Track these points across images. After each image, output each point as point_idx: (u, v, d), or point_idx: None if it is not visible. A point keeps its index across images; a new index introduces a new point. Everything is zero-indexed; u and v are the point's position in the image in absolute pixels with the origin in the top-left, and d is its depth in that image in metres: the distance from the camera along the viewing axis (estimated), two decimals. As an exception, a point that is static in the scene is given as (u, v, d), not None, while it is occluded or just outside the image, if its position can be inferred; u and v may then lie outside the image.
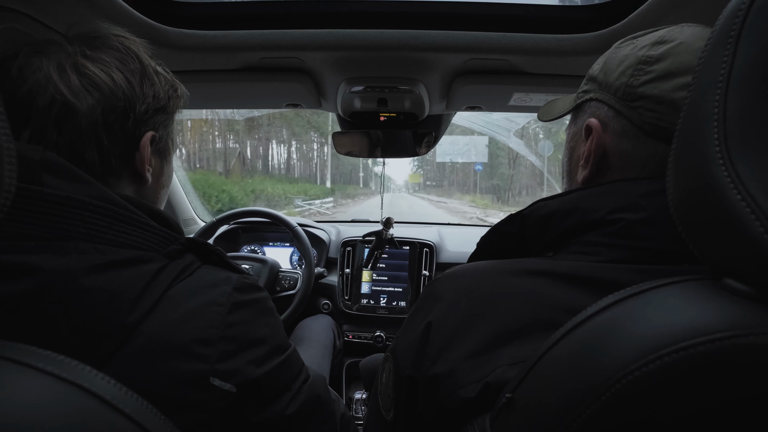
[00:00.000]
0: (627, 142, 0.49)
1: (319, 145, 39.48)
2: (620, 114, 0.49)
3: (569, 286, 0.42)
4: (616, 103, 0.49)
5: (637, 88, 0.47)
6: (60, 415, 0.28)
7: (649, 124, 0.47)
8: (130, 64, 0.52)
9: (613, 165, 0.50)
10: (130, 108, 0.51)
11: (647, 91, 0.46)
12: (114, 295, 0.43)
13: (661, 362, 0.27)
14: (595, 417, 0.29)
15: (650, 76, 0.46)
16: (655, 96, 0.46)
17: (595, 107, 0.52)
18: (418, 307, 0.52)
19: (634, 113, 0.47)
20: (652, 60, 0.47)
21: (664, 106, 0.45)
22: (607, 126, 0.50)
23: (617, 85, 0.49)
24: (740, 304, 0.28)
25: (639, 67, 0.47)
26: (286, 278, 1.47)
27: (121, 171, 0.53)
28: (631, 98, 0.48)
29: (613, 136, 0.50)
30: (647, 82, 0.46)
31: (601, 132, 0.51)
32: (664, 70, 0.46)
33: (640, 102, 0.47)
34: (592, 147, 0.51)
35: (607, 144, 0.50)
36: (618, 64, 0.50)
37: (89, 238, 0.44)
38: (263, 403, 0.52)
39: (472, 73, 0.94)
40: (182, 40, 0.81)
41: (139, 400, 0.33)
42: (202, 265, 0.53)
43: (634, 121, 0.48)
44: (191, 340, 0.45)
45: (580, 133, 0.54)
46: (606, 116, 0.50)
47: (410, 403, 0.47)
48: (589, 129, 0.51)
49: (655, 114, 0.46)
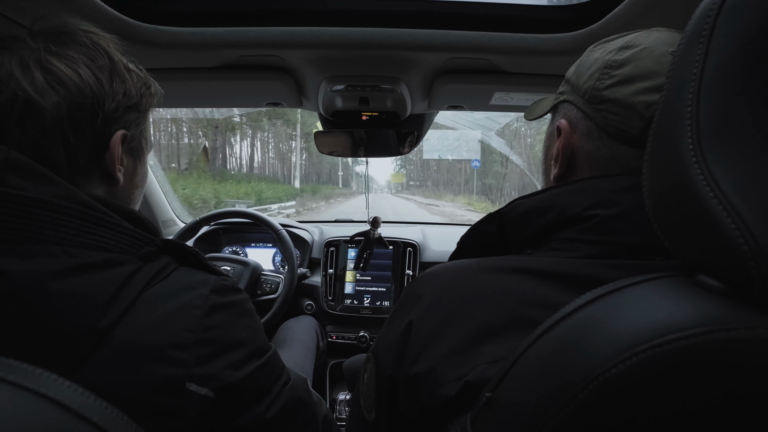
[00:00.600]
0: (592, 143, 0.51)
1: (286, 138, 35.48)
2: (587, 116, 0.51)
3: (547, 283, 0.42)
4: (584, 105, 0.51)
5: (601, 92, 0.49)
6: (23, 427, 0.27)
7: (611, 126, 0.49)
8: (99, 60, 0.51)
9: (580, 164, 0.53)
10: (98, 106, 0.50)
11: (610, 95, 0.48)
12: (84, 300, 0.41)
13: (637, 359, 0.27)
14: (573, 415, 0.29)
15: (614, 80, 0.48)
16: (616, 99, 0.48)
17: (567, 108, 0.55)
18: (399, 307, 0.52)
19: (599, 115, 0.50)
20: (616, 65, 0.49)
21: (624, 109, 0.47)
22: (575, 127, 0.53)
23: (585, 87, 0.51)
24: (713, 301, 0.28)
25: (605, 71, 0.49)
26: (268, 282, 1.45)
27: (91, 171, 0.51)
28: (596, 101, 0.50)
29: (580, 136, 0.52)
30: (611, 86, 0.48)
31: (570, 132, 0.53)
32: (626, 74, 0.48)
33: (604, 105, 0.49)
34: (560, 147, 0.54)
35: (574, 144, 0.53)
36: (588, 67, 0.52)
37: (58, 240, 0.43)
38: (242, 406, 0.51)
39: (453, 73, 0.94)
40: (157, 37, 0.79)
41: (108, 408, 0.32)
42: (178, 267, 0.52)
43: (599, 123, 0.50)
44: (166, 345, 0.44)
45: (554, 133, 0.56)
46: (575, 117, 0.53)
47: (391, 404, 0.46)
48: (560, 129, 0.54)
49: (616, 117, 0.48)
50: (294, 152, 35.82)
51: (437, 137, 17.73)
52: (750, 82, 0.28)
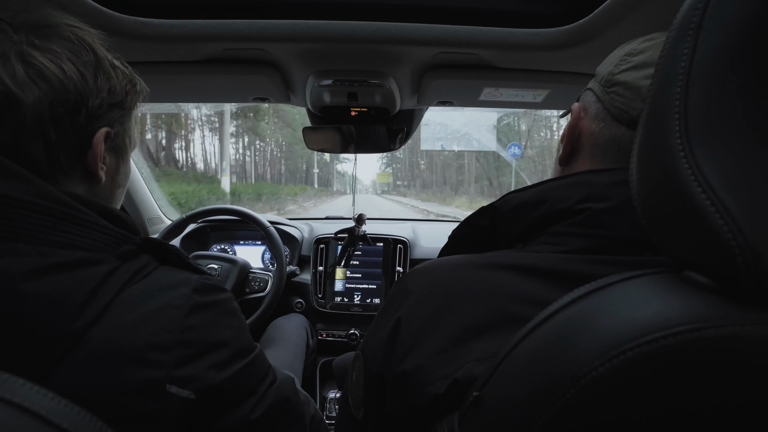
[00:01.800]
0: (596, 123, 0.52)
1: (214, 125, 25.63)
2: (599, 100, 0.52)
3: (535, 279, 0.42)
4: (599, 89, 0.53)
5: (615, 75, 0.50)
6: None
7: (616, 107, 0.50)
8: (84, 55, 0.49)
9: (583, 147, 0.54)
10: (82, 102, 0.48)
11: (621, 78, 0.50)
12: (57, 301, 0.40)
13: (624, 357, 0.27)
14: (560, 414, 0.29)
15: (629, 65, 0.50)
16: (626, 82, 0.49)
17: (586, 95, 0.56)
18: (387, 304, 0.51)
19: (608, 98, 0.51)
20: (635, 52, 0.50)
21: (630, 91, 0.48)
22: (587, 111, 0.54)
23: (604, 73, 0.53)
24: (701, 297, 0.28)
25: (624, 58, 0.51)
26: (257, 279, 1.43)
27: (72, 169, 0.50)
28: (609, 84, 0.51)
29: (589, 119, 0.54)
30: (625, 70, 0.50)
31: (579, 114, 0.54)
32: (641, 60, 0.49)
33: (614, 88, 0.50)
34: (568, 128, 0.55)
35: (582, 127, 0.54)
36: (612, 58, 0.54)
37: (29, 239, 0.41)
38: (226, 408, 0.50)
39: (442, 68, 0.93)
40: (138, 29, 0.77)
41: (81, 413, 0.31)
42: (159, 266, 0.50)
43: (606, 105, 0.51)
44: (145, 346, 0.43)
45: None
46: (589, 102, 0.54)
47: (380, 402, 0.46)
48: (571, 113, 0.55)
49: (622, 99, 0.49)
50: (222, 140, 23.62)
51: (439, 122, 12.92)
52: (738, 74, 0.27)
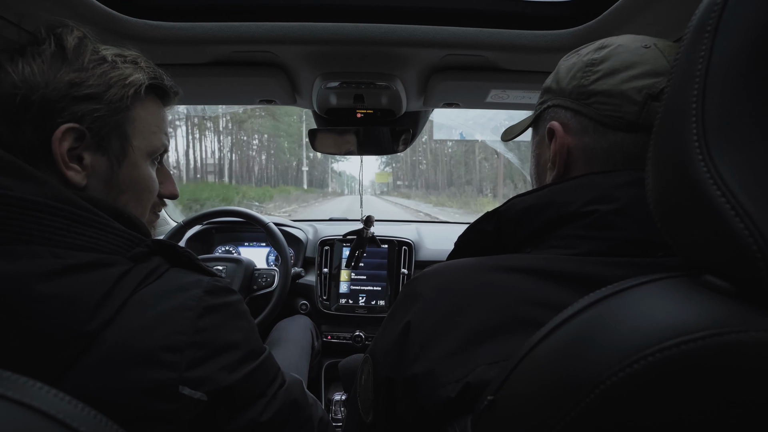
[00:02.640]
0: (588, 136, 0.51)
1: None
2: (578, 113, 0.52)
3: (546, 282, 0.42)
4: (572, 103, 0.52)
5: (588, 87, 0.50)
6: None
7: (605, 116, 0.50)
8: (43, 46, 0.47)
9: (578, 161, 0.53)
10: (31, 94, 0.45)
11: (597, 87, 0.50)
12: (71, 302, 0.40)
13: (645, 362, 0.26)
14: (579, 419, 0.28)
15: (598, 74, 0.50)
16: (605, 90, 0.49)
17: (553, 112, 0.55)
18: (396, 307, 0.51)
19: (591, 109, 0.50)
20: (597, 62, 0.51)
21: (615, 98, 0.49)
22: (567, 126, 0.53)
23: (570, 88, 0.52)
24: (721, 302, 0.28)
25: (587, 69, 0.51)
26: (263, 276, 1.43)
27: (43, 172, 0.45)
28: (584, 96, 0.51)
29: (574, 134, 0.53)
30: (596, 80, 0.50)
31: (563, 133, 0.53)
32: (609, 67, 0.49)
33: (594, 98, 0.50)
34: (556, 148, 0.54)
35: (569, 143, 0.53)
36: (567, 72, 0.53)
37: (44, 241, 0.41)
38: (236, 410, 0.50)
39: (450, 69, 0.94)
40: (146, 32, 0.77)
41: (97, 417, 0.31)
42: (170, 268, 0.50)
43: (592, 116, 0.50)
44: (158, 348, 0.43)
45: (543, 139, 0.56)
46: (565, 117, 0.53)
47: (389, 406, 0.46)
48: (552, 132, 0.54)
49: (609, 106, 0.49)
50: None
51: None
52: (755, 76, 0.27)
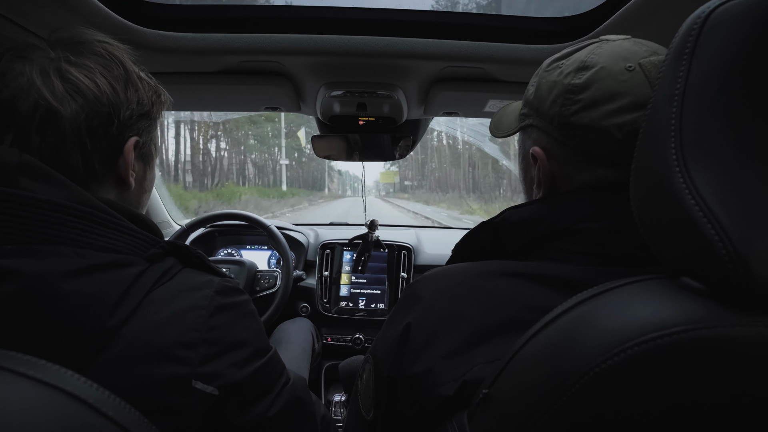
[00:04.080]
0: (570, 167, 0.52)
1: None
2: (560, 143, 0.52)
3: (541, 287, 0.44)
4: (554, 132, 0.52)
5: (569, 118, 0.49)
6: (44, 419, 0.28)
7: (586, 151, 0.50)
8: (114, 70, 0.52)
9: (563, 187, 0.53)
10: (114, 114, 0.51)
11: (578, 121, 0.49)
12: (94, 299, 0.42)
13: (625, 355, 0.29)
14: (565, 408, 0.31)
15: (579, 105, 0.49)
16: (585, 125, 0.48)
17: (537, 134, 0.55)
18: (398, 309, 0.53)
19: (573, 141, 0.50)
20: (577, 89, 0.49)
21: (595, 134, 0.48)
22: (550, 154, 0.53)
23: (551, 114, 0.51)
24: (695, 301, 0.30)
25: (567, 97, 0.50)
26: (265, 277, 1.46)
27: (104, 176, 0.53)
28: (566, 128, 0.50)
29: (557, 162, 0.53)
30: (577, 112, 0.49)
31: (546, 161, 0.53)
32: (590, 98, 0.48)
33: (575, 131, 0.49)
34: (540, 175, 0.54)
35: (554, 170, 0.53)
36: (549, 91, 0.52)
37: (68, 241, 0.44)
38: (245, 405, 0.52)
39: (449, 80, 0.97)
40: (159, 42, 0.80)
41: (122, 404, 0.33)
42: (183, 268, 0.53)
43: (574, 148, 0.51)
44: (173, 344, 0.45)
45: (528, 158, 0.57)
46: (548, 143, 0.53)
47: (390, 403, 0.48)
48: (535, 157, 0.54)
49: (590, 141, 0.49)
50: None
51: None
52: (729, 97, 0.30)
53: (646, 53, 0.48)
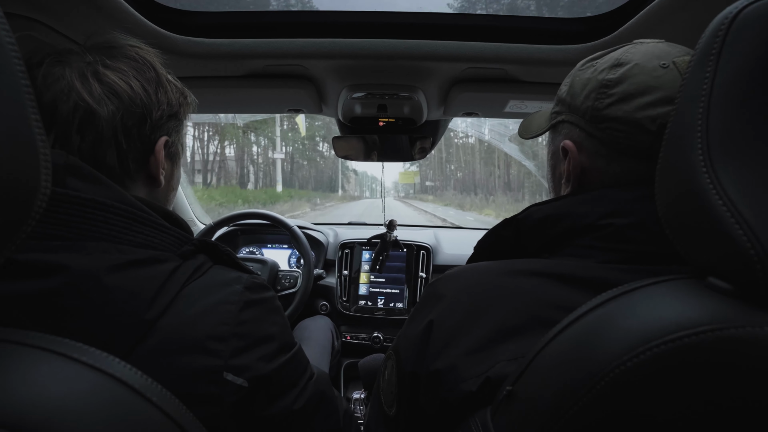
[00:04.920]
0: (601, 159, 0.52)
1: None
2: (591, 135, 0.52)
3: (564, 285, 0.44)
4: (586, 125, 0.52)
5: (602, 111, 0.50)
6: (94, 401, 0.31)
7: (618, 143, 0.50)
8: (146, 73, 0.55)
9: (593, 181, 0.54)
10: (147, 114, 0.54)
11: (612, 113, 0.49)
12: (133, 293, 0.45)
13: (650, 353, 0.29)
14: (589, 406, 0.31)
15: (612, 98, 0.49)
16: (619, 117, 0.49)
17: (568, 129, 0.55)
18: (420, 306, 0.54)
19: (604, 134, 0.51)
20: (611, 83, 0.50)
21: (628, 125, 0.49)
22: (581, 147, 0.54)
23: (584, 108, 0.52)
24: (722, 301, 0.30)
25: (601, 91, 0.50)
26: (286, 277, 1.49)
27: (137, 174, 0.56)
28: (598, 120, 0.51)
29: (588, 155, 0.53)
30: (611, 105, 0.50)
31: (577, 153, 0.54)
32: (624, 92, 0.49)
33: (607, 123, 0.50)
34: (570, 167, 0.55)
35: (584, 163, 0.54)
36: (582, 88, 0.53)
37: (110, 238, 0.46)
38: (272, 398, 0.54)
39: (470, 81, 0.97)
40: (190, 48, 0.83)
41: (163, 390, 0.35)
42: (213, 265, 0.55)
43: (605, 141, 0.51)
44: (205, 337, 0.47)
45: (558, 153, 0.58)
46: (579, 137, 0.54)
47: (412, 398, 0.48)
48: (566, 150, 0.55)
49: (622, 134, 0.49)
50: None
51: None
52: (756, 97, 0.30)
53: (680, 53, 0.49)
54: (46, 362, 0.30)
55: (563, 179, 0.57)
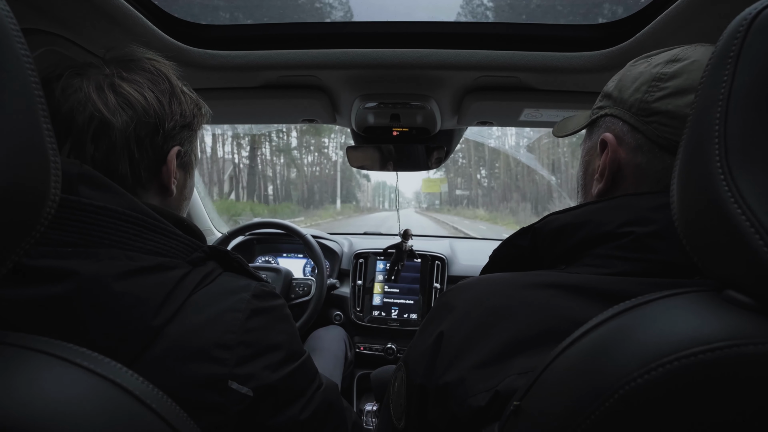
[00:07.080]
0: (641, 155, 0.49)
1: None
2: (635, 129, 0.49)
3: (578, 298, 0.43)
4: (631, 118, 0.50)
5: (651, 104, 0.48)
6: (94, 406, 0.31)
7: (664, 138, 0.47)
8: (161, 84, 0.56)
9: (628, 178, 0.51)
10: (159, 124, 0.55)
11: (662, 107, 0.47)
12: (141, 300, 0.45)
13: (663, 370, 0.28)
14: (599, 423, 0.30)
15: (664, 92, 0.47)
16: (669, 111, 0.46)
17: (610, 122, 0.53)
18: (431, 317, 0.53)
19: (649, 128, 0.48)
20: (666, 77, 0.48)
21: (678, 121, 0.46)
22: (622, 140, 0.51)
23: (632, 101, 0.50)
24: (741, 315, 0.28)
25: (653, 84, 0.48)
26: (300, 285, 1.49)
27: (149, 183, 0.57)
28: (645, 113, 0.48)
29: (627, 150, 0.51)
30: (662, 98, 0.47)
31: (616, 146, 0.51)
32: (678, 86, 0.46)
33: (655, 117, 0.47)
34: (607, 161, 0.52)
35: (621, 158, 0.51)
36: (633, 81, 0.50)
37: (120, 245, 0.47)
38: (278, 407, 0.53)
39: (483, 90, 0.97)
40: (207, 60, 0.86)
41: (165, 398, 0.35)
42: (223, 272, 0.55)
43: (649, 135, 0.48)
44: (211, 344, 0.47)
45: (595, 148, 0.55)
46: (621, 131, 0.51)
47: (421, 412, 0.47)
48: (605, 143, 0.52)
49: (669, 129, 0.47)
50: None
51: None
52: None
53: None
54: (48, 366, 0.31)
55: (597, 174, 0.54)
